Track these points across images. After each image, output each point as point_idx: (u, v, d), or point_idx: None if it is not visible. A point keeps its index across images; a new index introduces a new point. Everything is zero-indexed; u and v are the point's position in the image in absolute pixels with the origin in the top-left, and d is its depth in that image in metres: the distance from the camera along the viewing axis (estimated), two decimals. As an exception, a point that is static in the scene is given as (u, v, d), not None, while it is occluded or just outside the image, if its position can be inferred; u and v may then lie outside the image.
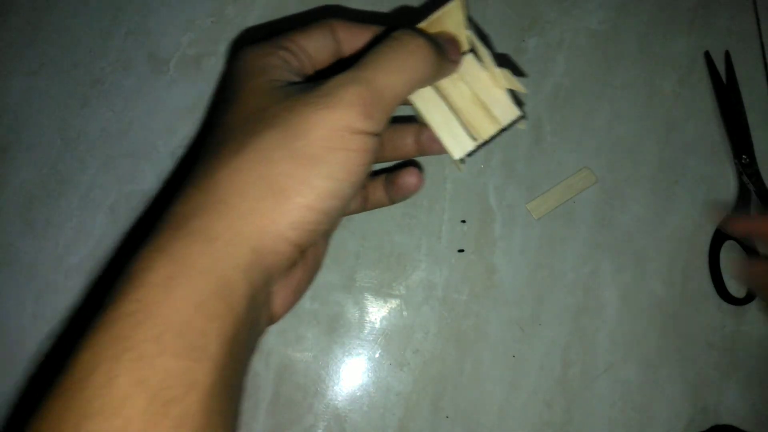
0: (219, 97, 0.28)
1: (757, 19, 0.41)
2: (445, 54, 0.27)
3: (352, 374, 0.36)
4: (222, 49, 0.40)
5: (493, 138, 0.29)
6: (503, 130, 0.29)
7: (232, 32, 0.40)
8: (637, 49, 0.40)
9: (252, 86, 0.26)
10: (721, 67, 0.40)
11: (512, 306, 0.36)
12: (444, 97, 0.30)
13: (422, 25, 0.28)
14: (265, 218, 0.23)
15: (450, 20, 0.28)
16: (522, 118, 0.29)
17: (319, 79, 0.26)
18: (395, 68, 0.25)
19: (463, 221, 0.38)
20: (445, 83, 0.30)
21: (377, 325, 0.36)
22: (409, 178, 0.31)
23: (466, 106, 0.30)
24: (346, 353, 0.36)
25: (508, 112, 0.29)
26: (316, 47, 0.28)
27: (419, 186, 0.31)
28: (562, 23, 0.41)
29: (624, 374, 0.36)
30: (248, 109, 0.25)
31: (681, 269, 0.37)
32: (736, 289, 0.37)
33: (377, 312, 0.36)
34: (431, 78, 0.27)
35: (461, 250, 0.37)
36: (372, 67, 0.25)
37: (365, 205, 0.33)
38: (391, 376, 0.36)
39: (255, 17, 0.40)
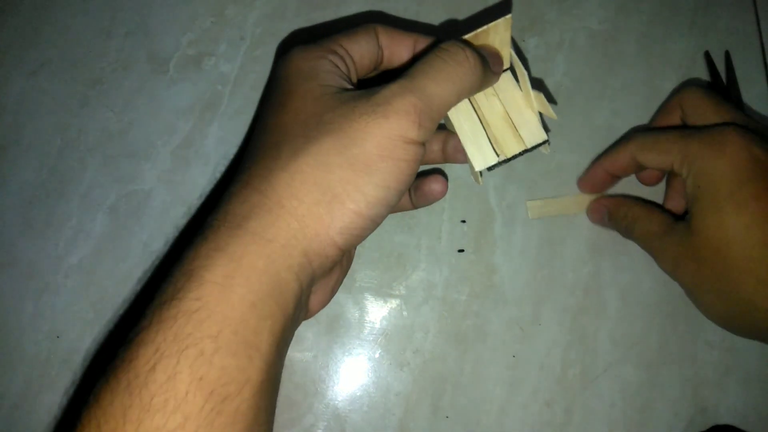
0: (268, 97, 0.29)
1: (757, 19, 0.41)
2: (489, 66, 0.28)
3: (352, 374, 0.36)
4: (222, 49, 0.40)
5: (515, 157, 0.29)
6: (526, 151, 0.29)
7: (232, 32, 0.40)
8: (637, 49, 0.40)
9: (305, 89, 0.26)
10: (721, 67, 0.40)
11: (512, 306, 0.36)
12: (476, 109, 0.30)
13: (468, 36, 0.28)
14: (319, 223, 0.23)
15: (496, 36, 0.28)
16: (546, 142, 0.30)
17: (360, 87, 0.26)
18: (445, 78, 0.26)
19: (463, 221, 0.38)
20: (480, 96, 0.30)
21: (377, 325, 0.36)
22: (434, 185, 0.31)
23: (495, 122, 0.30)
24: (346, 353, 0.36)
25: (535, 134, 0.30)
26: (361, 52, 0.29)
27: (444, 193, 0.32)
28: (562, 23, 0.41)
29: (624, 374, 0.36)
30: (303, 113, 0.25)
31: (681, 269, 0.37)
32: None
33: (377, 312, 0.36)
34: (476, 88, 0.28)
35: (461, 250, 0.37)
36: (423, 77, 0.25)
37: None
38: (391, 376, 0.36)
39: (255, 17, 0.40)
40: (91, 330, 0.36)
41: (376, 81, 0.26)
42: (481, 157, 0.29)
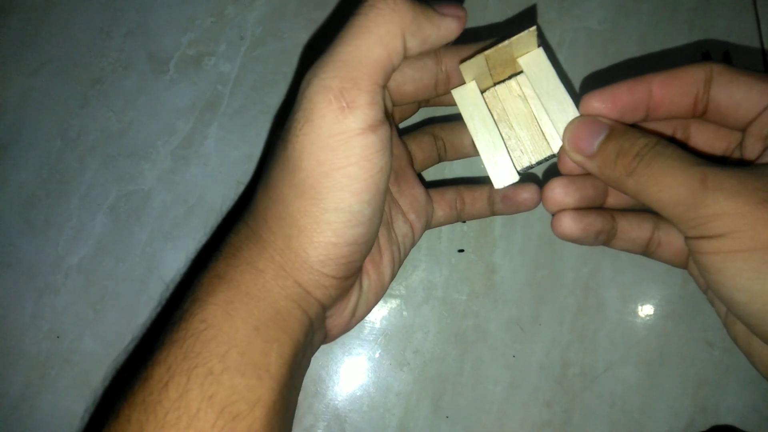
0: None
1: (757, 19, 0.41)
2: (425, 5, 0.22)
3: (352, 374, 0.36)
4: (222, 49, 0.40)
5: (540, 163, 0.28)
6: (552, 156, 0.28)
7: (232, 32, 0.40)
8: (637, 49, 0.40)
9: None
10: (721, 67, 0.40)
11: (512, 306, 0.36)
12: (494, 109, 0.28)
13: (489, 52, 0.25)
14: (297, 257, 0.23)
15: (519, 48, 0.26)
16: None
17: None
18: (357, 32, 0.21)
19: (463, 221, 0.38)
20: (504, 94, 0.29)
21: (377, 325, 0.36)
22: (526, 194, 0.29)
23: (520, 123, 0.28)
24: (346, 353, 0.36)
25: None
26: (400, 80, 0.26)
27: (537, 203, 0.29)
28: (562, 23, 0.41)
29: (624, 374, 0.36)
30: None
31: (681, 269, 0.37)
32: (736, 289, 0.37)
33: (377, 312, 0.36)
34: (412, 33, 0.22)
35: (461, 250, 0.37)
36: (334, 44, 0.21)
37: (461, 215, 0.32)
38: (391, 376, 0.36)
39: (255, 17, 0.40)
40: (91, 330, 0.36)
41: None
42: (499, 175, 0.27)
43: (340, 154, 0.20)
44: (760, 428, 0.35)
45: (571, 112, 0.26)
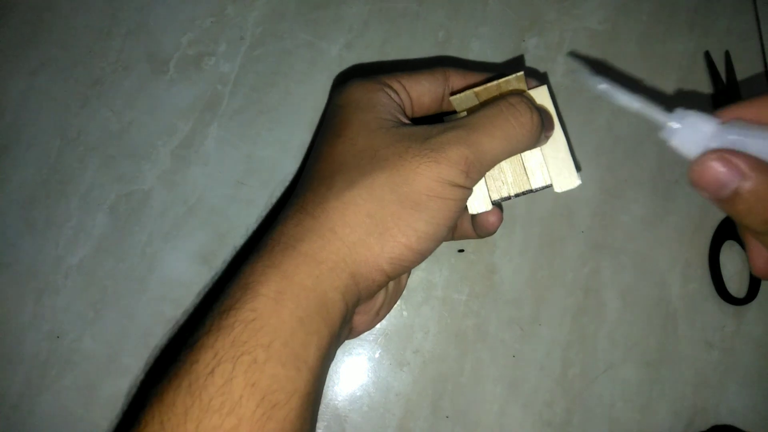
0: (324, 125, 0.30)
1: (757, 19, 0.41)
2: (544, 129, 0.28)
3: (352, 374, 0.36)
4: (222, 49, 0.40)
5: (518, 195, 0.30)
6: (530, 191, 0.30)
7: (232, 32, 0.40)
8: (637, 49, 0.40)
9: (361, 120, 0.28)
10: (721, 67, 0.40)
11: (512, 306, 0.36)
12: None
13: (478, 90, 0.28)
14: (369, 251, 0.25)
15: (509, 87, 0.28)
16: (550, 186, 0.30)
17: (420, 122, 0.28)
18: (502, 136, 0.26)
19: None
20: None
21: (377, 325, 0.36)
22: (489, 216, 0.32)
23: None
24: (346, 353, 0.36)
25: (542, 175, 0.30)
26: (421, 91, 0.30)
27: (498, 225, 0.32)
28: (562, 23, 0.41)
29: (624, 374, 0.36)
30: (358, 144, 0.27)
31: (681, 269, 0.37)
32: (736, 289, 0.37)
33: (377, 312, 0.36)
34: (528, 149, 0.29)
35: (461, 250, 0.37)
36: (481, 131, 0.26)
37: (453, 235, 0.34)
38: (391, 376, 0.36)
39: (255, 17, 0.40)
40: (91, 330, 0.36)
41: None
42: (473, 201, 0.30)
43: (447, 191, 0.26)
44: (760, 428, 0.35)
45: (562, 149, 0.29)
